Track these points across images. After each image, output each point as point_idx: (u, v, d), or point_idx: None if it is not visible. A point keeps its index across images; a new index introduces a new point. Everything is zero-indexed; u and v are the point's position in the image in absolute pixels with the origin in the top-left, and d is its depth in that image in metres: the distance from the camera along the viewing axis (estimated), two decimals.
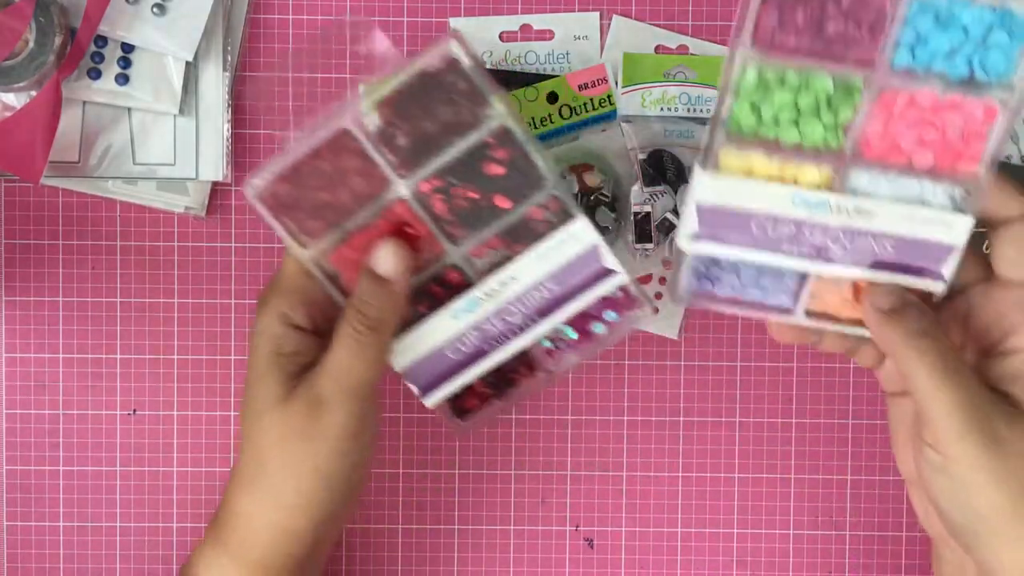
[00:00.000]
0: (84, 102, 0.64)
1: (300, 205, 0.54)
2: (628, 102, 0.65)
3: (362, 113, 0.52)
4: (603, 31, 0.66)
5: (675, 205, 0.64)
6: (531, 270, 0.55)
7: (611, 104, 0.65)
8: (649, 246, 0.64)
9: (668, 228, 0.65)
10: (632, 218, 0.64)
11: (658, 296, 0.66)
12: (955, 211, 0.51)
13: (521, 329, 0.56)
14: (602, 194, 0.64)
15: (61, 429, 0.67)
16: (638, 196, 0.65)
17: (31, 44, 0.61)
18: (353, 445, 0.55)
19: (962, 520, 0.52)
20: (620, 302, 0.57)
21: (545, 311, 0.56)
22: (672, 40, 0.66)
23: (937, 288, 0.52)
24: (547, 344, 0.58)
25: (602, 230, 0.64)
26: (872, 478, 0.67)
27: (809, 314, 0.54)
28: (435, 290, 0.56)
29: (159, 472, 0.67)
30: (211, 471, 0.67)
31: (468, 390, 0.58)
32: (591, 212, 0.64)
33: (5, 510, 0.67)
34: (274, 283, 0.56)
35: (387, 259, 0.54)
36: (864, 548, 0.67)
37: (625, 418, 0.67)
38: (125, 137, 0.65)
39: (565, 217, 0.55)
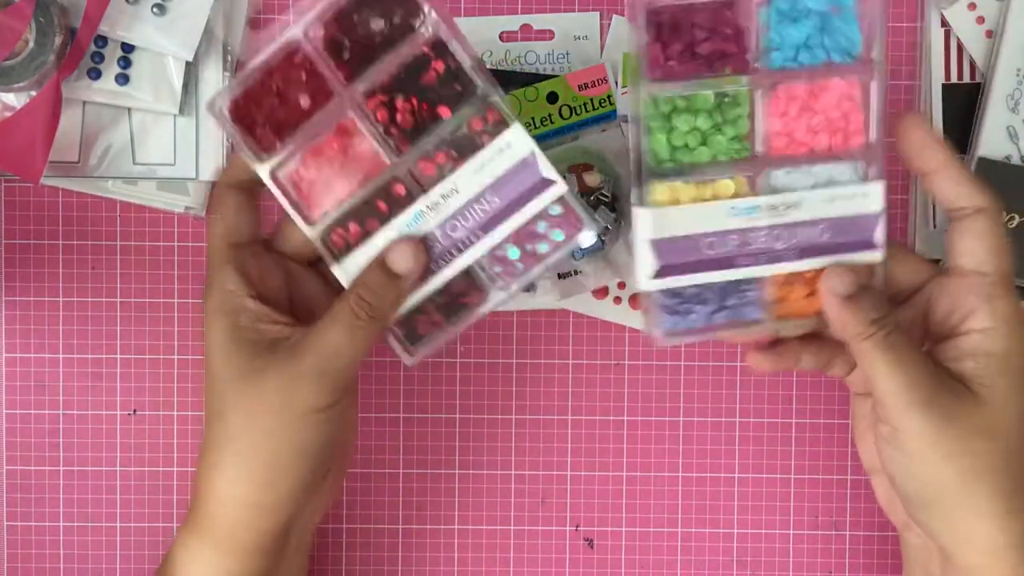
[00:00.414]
0: (84, 102, 0.64)
1: (257, 121, 0.55)
2: (628, 102, 0.65)
3: (307, 25, 0.54)
4: (603, 31, 0.66)
5: None
6: (471, 181, 0.55)
7: (611, 104, 0.65)
8: None
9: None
10: (632, 218, 0.64)
11: None
12: (864, 182, 0.55)
13: (465, 245, 0.55)
14: (602, 194, 0.64)
15: (61, 429, 0.67)
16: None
17: (31, 44, 0.61)
18: (328, 420, 0.54)
19: (914, 491, 0.54)
20: (564, 220, 0.56)
21: (488, 225, 0.55)
22: None
23: (876, 256, 0.55)
24: (496, 269, 0.56)
25: (602, 230, 0.64)
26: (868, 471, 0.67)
27: (779, 319, 0.56)
28: (380, 206, 0.55)
29: (159, 472, 0.67)
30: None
31: (420, 316, 0.57)
32: (591, 212, 0.64)
33: (5, 510, 0.67)
34: (208, 265, 0.56)
35: (403, 257, 0.55)
36: (864, 548, 0.67)
37: (625, 418, 0.67)
38: (125, 137, 0.65)
39: (502, 125, 0.55)
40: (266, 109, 0.55)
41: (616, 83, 0.65)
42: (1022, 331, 0.54)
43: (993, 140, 0.64)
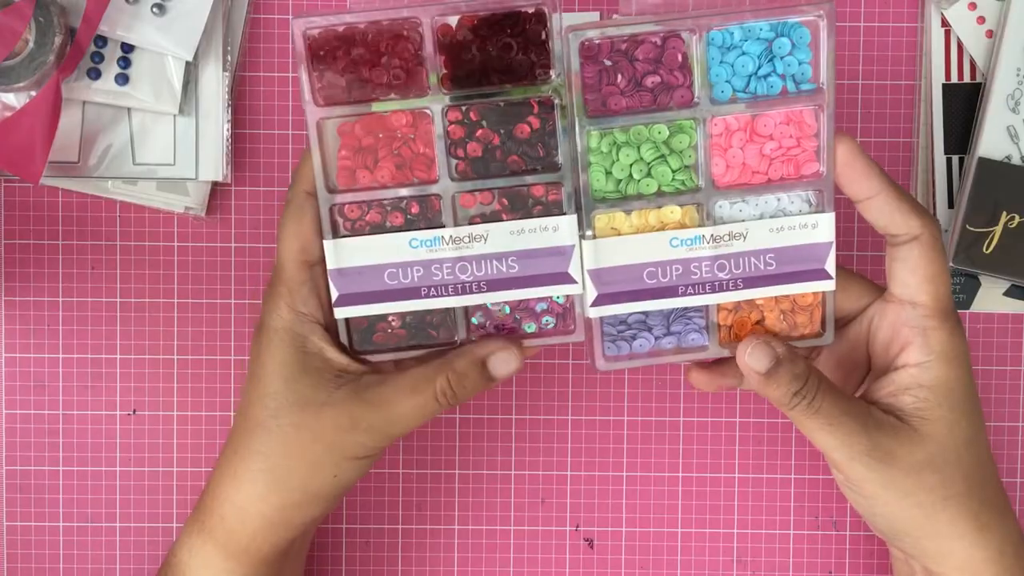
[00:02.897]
0: (84, 102, 0.64)
1: (334, 66, 0.54)
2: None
3: (443, 12, 0.53)
4: None
5: None
6: (504, 239, 0.55)
7: None
8: None
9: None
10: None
11: None
12: (815, 212, 0.55)
13: (465, 290, 0.55)
14: None
15: (61, 429, 0.67)
16: None
17: (31, 44, 0.61)
18: (369, 464, 0.56)
19: (884, 528, 0.56)
20: (560, 313, 0.57)
21: (496, 284, 0.55)
22: None
23: (828, 286, 0.55)
24: (478, 319, 0.56)
25: None
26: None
27: (724, 345, 0.57)
28: (412, 208, 0.55)
29: (159, 472, 0.67)
30: (211, 471, 0.66)
31: (383, 323, 0.56)
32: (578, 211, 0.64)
33: (5, 510, 0.67)
34: (278, 278, 0.55)
35: (506, 365, 0.55)
36: (864, 548, 0.67)
37: (625, 418, 0.67)
38: (125, 137, 0.65)
39: (558, 208, 0.55)
40: (347, 59, 0.53)
41: None
42: (959, 362, 0.54)
43: (993, 140, 0.64)
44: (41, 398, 0.67)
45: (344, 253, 0.55)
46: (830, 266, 0.55)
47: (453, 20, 0.54)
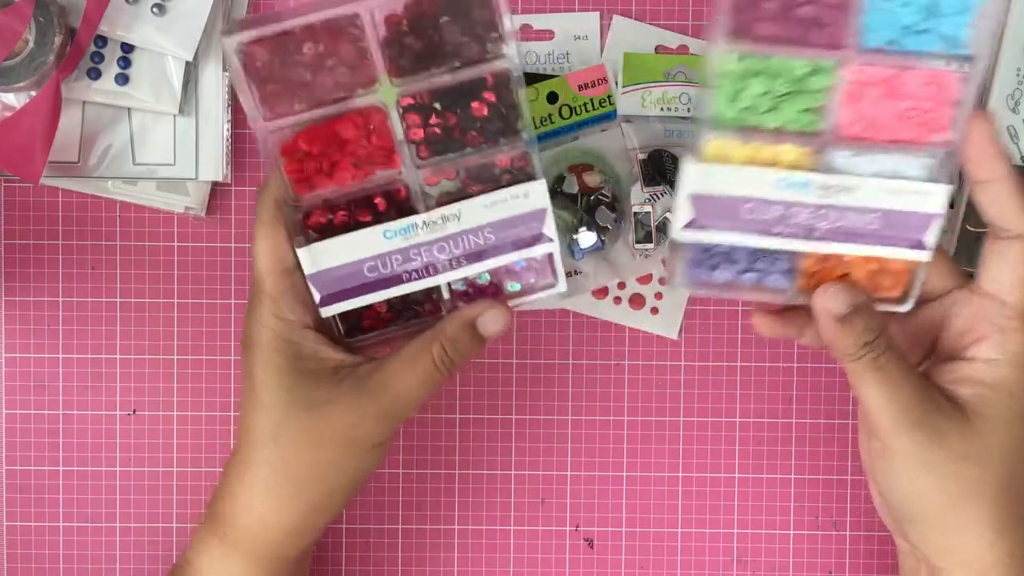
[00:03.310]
0: (84, 102, 0.64)
1: (275, 77, 0.53)
2: (628, 102, 0.65)
3: (380, 4, 0.52)
4: (603, 31, 0.66)
5: None
6: (477, 213, 0.55)
7: (611, 104, 0.65)
8: (649, 246, 0.64)
9: (668, 228, 0.65)
10: (632, 218, 0.64)
11: (659, 296, 0.66)
12: (931, 181, 0.53)
13: (445, 267, 0.55)
14: (602, 194, 0.64)
15: (61, 429, 0.67)
16: (638, 196, 0.65)
17: (31, 44, 0.61)
18: (382, 452, 0.56)
19: (902, 507, 0.55)
20: (540, 270, 0.57)
21: (474, 256, 0.55)
22: (672, 40, 0.66)
23: (923, 257, 0.54)
24: (459, 287, 0.56)
25: (602, 230, 0.64)
26: (866, 476, 0.67)
27: (804, 291, 0.55)
28: (378, 201, 0.55)
29: (159, 472, 0.67)
30: (211, 471, 0.67)
31: (368, 308, 0.56)
32: (591, 212, 0.64)
33: (5, 510, 0.67)
34: (259, 290, 0.55)
35: (495, 323, 0.55)
36: (864, 548, 0.67)
37: (625, 418, 0.67)
38: (125, 137, 0.65)
39: (526, 175, 0.55)
40: (288, 67, 0.53)
41: (616, 83, 0.65)
42: None
43: None
44: (41, 398, 0.67)
45: (319, 257, 0.54)
46: (930, 237, 0.54)
47: (397, 4, 0.52)
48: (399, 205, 0.55)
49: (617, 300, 0.67)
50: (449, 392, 0.67)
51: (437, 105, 0.54)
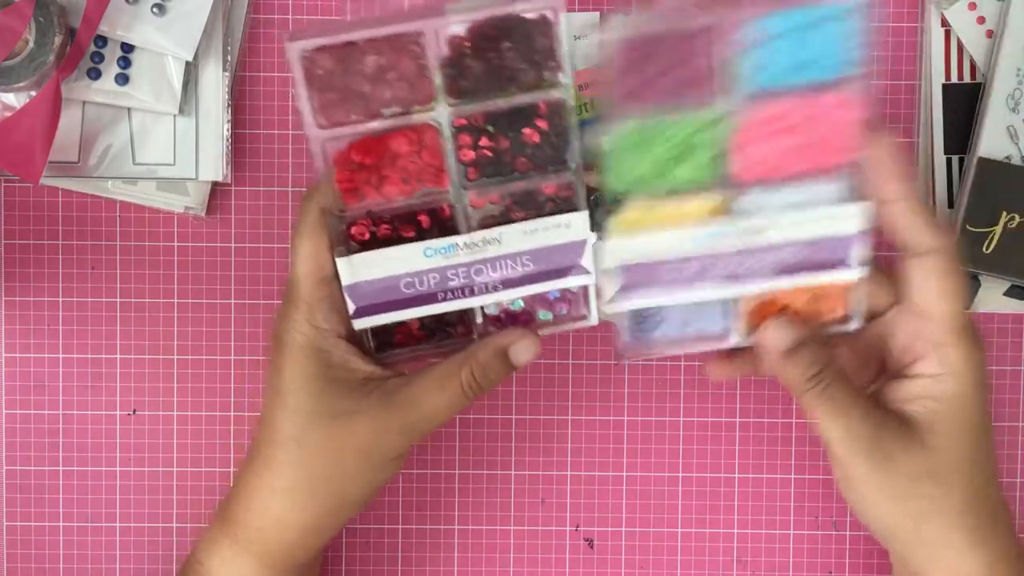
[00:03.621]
0: (84, 102, 0.64)
1: (334, 86, 0.53)
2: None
3: (445, 24, 0.52)
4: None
5: None
6: (517, 239, 0.55)
7: None
8: None
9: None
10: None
11: None
12: (847, 202, 0.54)
13: (482, 291, 0.55)
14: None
15: (61, 429, 0.67)
16: None
17: (31, 44, 0.61)
18: (401, 462, 0.56)
19: (874, 528, 0.56)
20: (573, 301, 0.57)
21: (511, 282, 0.55)
22: None
23: (853, 275, 0.55)
24: (492, 311, 0.57)
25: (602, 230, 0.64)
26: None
27: (748, 333, 0.56)
28: (422, 218, 0.55)
29: (159, 472, 0.67)
30: (211, 471, 0.67)
31: (400, 324, 0.57)
32: (591, 212, 0.64)
33: (5, 510, 0.67)
34: (295, 295, 0.55)
35: (526, 353, 0.55)
36: (864, 548, 0.67)
37: (625, 418, 0.67)
38: (125, 137, 0.65)
39: (569, 205, 0.55)
40: (348, 77, 0.53)
41: None
42: (971, 379, 0.54)
43: (993, 140, 0.64)
44: (41, 398, 0.67)
45: (358, 268, 0.55)
46: (855, 257, 0.54)
47: (460, 27, 0.53)
48: (442, 224, 0.55)
49: None
50: None
51: (490, 128, 0.54)
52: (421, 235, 0.55)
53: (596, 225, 0.64)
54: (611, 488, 0.67)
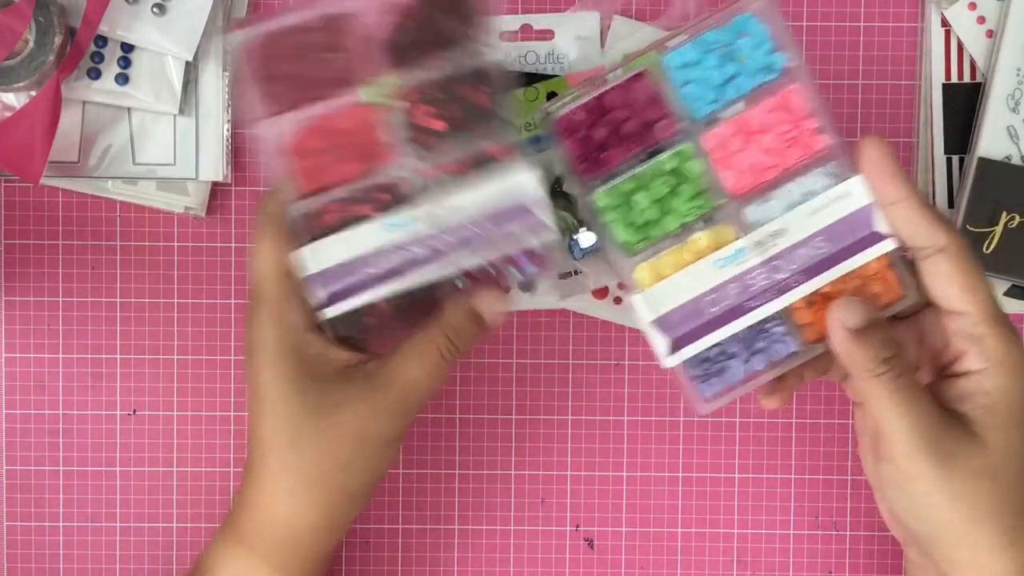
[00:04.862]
0: (84, 102, 0.64)
1: (275, 75, 0.53)
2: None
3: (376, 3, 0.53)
4: (603, 31, 0.66)
5: None
6: (471, 204, 0.55)
7: None
8: None
9: None
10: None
11: None
12: (841, 181, 0.54)
13: (446, 260, 0.55)
14: None
15: (61, 429, 0.67)
16: None
17: (31, 44, 0.61)
18: (397, 448, 0.56)
19: (919, 530, 0.54)
20: (538, 259, 0.56)
21: (473, 247, 0.55)
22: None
23: (887, 246, 0.54)
24: (460, 284, 0.56)
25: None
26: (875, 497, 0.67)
27: (812, 343, 0.55)
28: (382, 196, 0.55)
29: (159, 472, 0.67)
30: (211, 471, 0.67)
31: (371, 310, 0.56)
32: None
33: (5, 510, 0.67)
34: (260, 297, 0.55)
35: (493, 307, 0.55)
36: (864, 548, 0.67)
37: (625, 418, 0.67)
38: (125, 137, 0.65)
39: (521, 167, 0.55)
40: (288, 64, 0.53)
41: None
42: (1017, 369, 0.53)
43: (993, 140, 0.64)
44: (41, 398, 0.67)
45: (321, 255, 0.54)
46: (880, 225, 0.54)
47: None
48: (401, 201, 0.55)
49: (617, 300, 0.67)
50: (449, 392, 0.67)
51: (435, 97, 0.54)
52: (381, 212, 0.55)
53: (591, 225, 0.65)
54: (611, 488, 0.67)
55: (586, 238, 0.64)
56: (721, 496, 0.67)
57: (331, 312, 0.55)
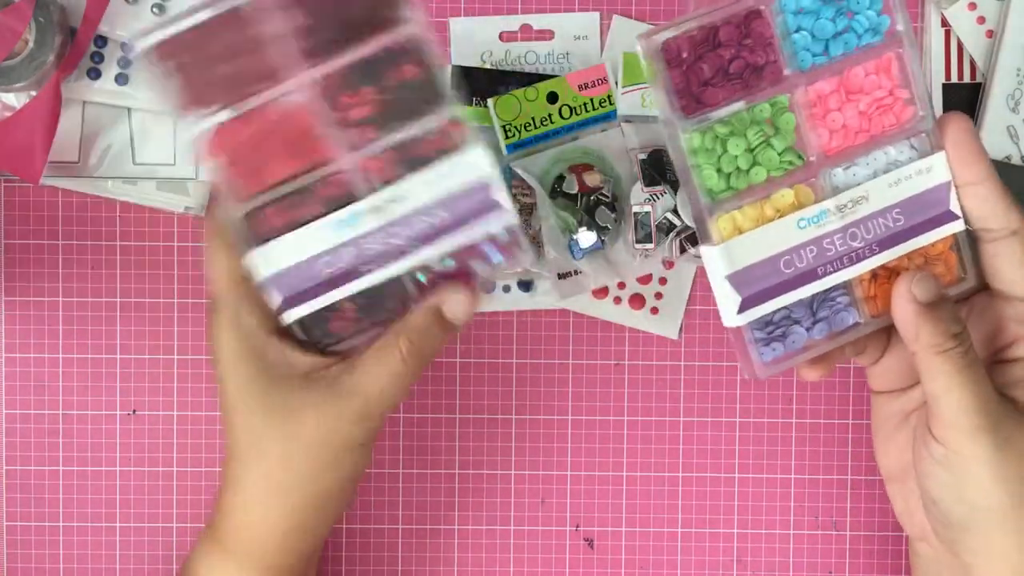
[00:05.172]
0: (84, 102, 0.64)
1: (193, 77, 0.51)
2: (628, 102, 0.65)
3: None
4: (603, 31, 0.66)
5: (675, 205, 0.64)
6: (420, 192, 0.52)
7: (611, 104, 0.65)
8: (649, 246, 0.64)
9: (668, 228, 0.65)
10: (632, 218, 0.64)
11: (659, 296, 0.66)
12: (924, 156, 0.53)
13: (402, 254, 0.53)
14: (602, 194, 0.64)
15: (61, 429, 0.67)
16: (638, 196, 0.65)
17: (31, 44, 0.61)
18: (367, 452, 0.55)
19: (959, 513, 0.53)
20: (505, 245, 0.54)
21: (429, 238, 0.53)
22: None
23: (957, 226, 0.54)
24: (422, 278, 0.54)
25: (602, 230, 0.64)
26: (872, 478, 0.67)
27: (877, 316, 0.55)
28: (321, 193, 0.53)
29: (159, 472, 0.67)
30: (211, 471, 0.67)
31: (335, 313, 0.54)
32: (591, 212, 0.64)
33: (5, 510, 0.67)
34: (218, 304, 0.54)
35: (459, 308, 0.53)
36: (864, 548, 0.67)
37: (625, 418, 0.67)
38: (125, 137, 0.65)
39: (464, 145, 0.53)
40: (203, 64, 0.51)
41: (616, 83, 0.65)
42: None
43: (993, 140, 0.64)
44: (41, 398, 0.67)
45: (272, 258, 0.53)
46: (954, 205, 0.53)
47: None
48: (343, 198, 0.53)
49: (617, 300, 0.67)
50: (449, 392, 0.67)
51: (360, 81, 0.52)
52: (327, 209, 0.53)
53: (593, 224, 0.64)
54: (611, 488, 0.67)
55: (586, 238, 0.64)
56: (721, 496, 0.67)
57: (289, 316, 0.54)
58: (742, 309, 0.53)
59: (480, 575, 0.67)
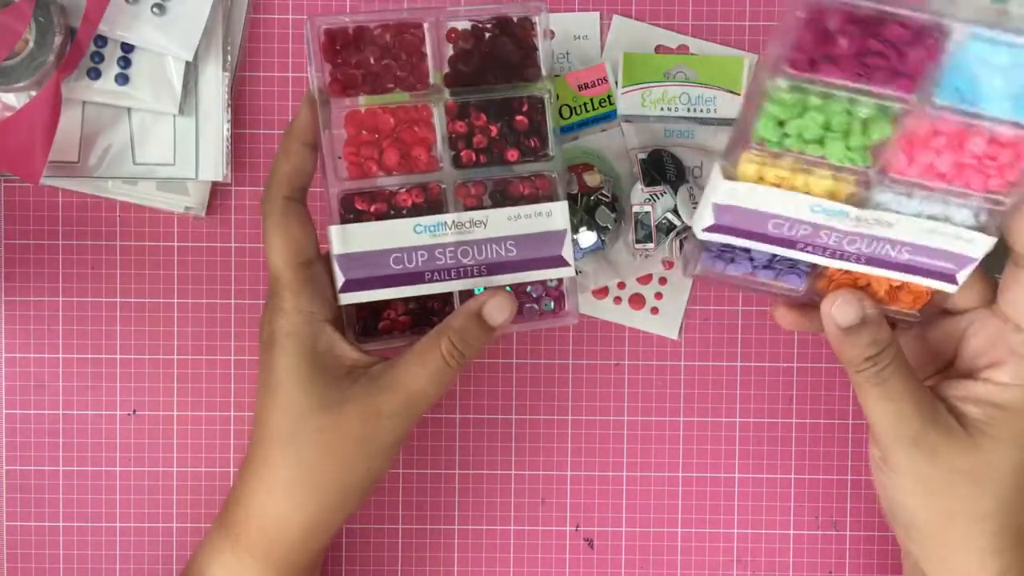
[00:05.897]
0: (84, 102, 0.64)
1: (345, 61, 0.56)
2: (628, 102, 0.65)
3: (447, 16, 0.57)
4: (603, 31, 0.66)
5: (675, 205, 0.65)
6: (501, 223, 0.56)
7: (611, 104, 0.65)
8: (649, 246, 0.64)
9: (668, 228, 0.65)
10: (632, 218, 0.64)
11: (659, 296, 0.66)
12: (976, 228, 0.52)
13: (468, 273, 0.56)
14: (602, 194, 0.64)
15: (61, 429, 0.67)
16: (638, 196, 0.65)
17: (31, 44, 0.61)
18: (398, 451, 0.56)
19: (898, 516, 0.56)
20: (559, 297, 0.59)
21: (495, 268, 0.57)
22: (672, 40, 0.66)
23: (949, 289, 0.54)
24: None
25: (602, 230, 0.64)
26: (872, 478, 0.67)
27: (820, 293, 0.55)
28: (413, 195, 0.57)
29: (159, 472, 0.67)
30: (211, 471, 0.67)
31: (386, 311, 0.57)
32: (591, 212, 0.64)
33: (5, 510, 0.67)
34: (277, 285, 0.55)
35: (501, 311, 0.55)
36: (864, 548, 0.67)
37: (625, 418, 0.67)
38: (125, 137, 0.65)
39: (552, 196, 0.57)
40: (357, 55, 0.56)
41: (616, 83, 0.65)
42: None
43: None
44: (41, 398, 0.67)
45: (350, 238, 0.56)
46: (962, 277, 0.54)
47: (457, 23, 0.56)
48: (432, 205, 0.57)
49: (617, 300, 0.67)
50: (449, 392, 0.67)
51: (481, 115, 0.57)
52: (413, 212, 0.56)
53: (593, 224, 0.64)
54: (611, 488, 0.67)
55: (586, 238, 0.64)
56: (721, 496, 0.67)
57: (346, 299, 0.56)
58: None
59: (480, 575, 0.67)
